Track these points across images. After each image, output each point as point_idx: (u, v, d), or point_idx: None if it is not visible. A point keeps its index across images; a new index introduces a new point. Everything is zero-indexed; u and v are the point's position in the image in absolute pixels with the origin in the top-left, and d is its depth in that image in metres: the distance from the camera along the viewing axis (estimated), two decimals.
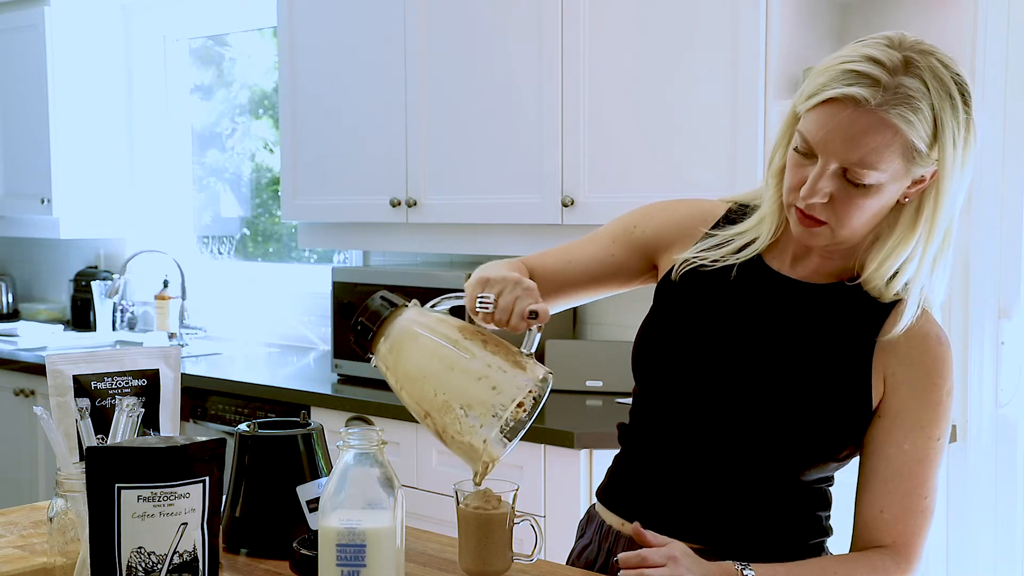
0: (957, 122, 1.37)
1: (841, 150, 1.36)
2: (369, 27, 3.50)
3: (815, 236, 1.44)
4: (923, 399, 1.46)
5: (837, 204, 1.39)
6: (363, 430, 1.33)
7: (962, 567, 2.83)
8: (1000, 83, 2.76)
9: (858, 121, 1.34)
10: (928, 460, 1.47)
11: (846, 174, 1.37)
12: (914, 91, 1.34)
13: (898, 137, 1.34)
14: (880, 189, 1.38)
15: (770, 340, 1.51)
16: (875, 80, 1.34)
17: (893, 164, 1.36)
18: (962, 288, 2.83)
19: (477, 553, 1.44)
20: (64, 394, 1.55)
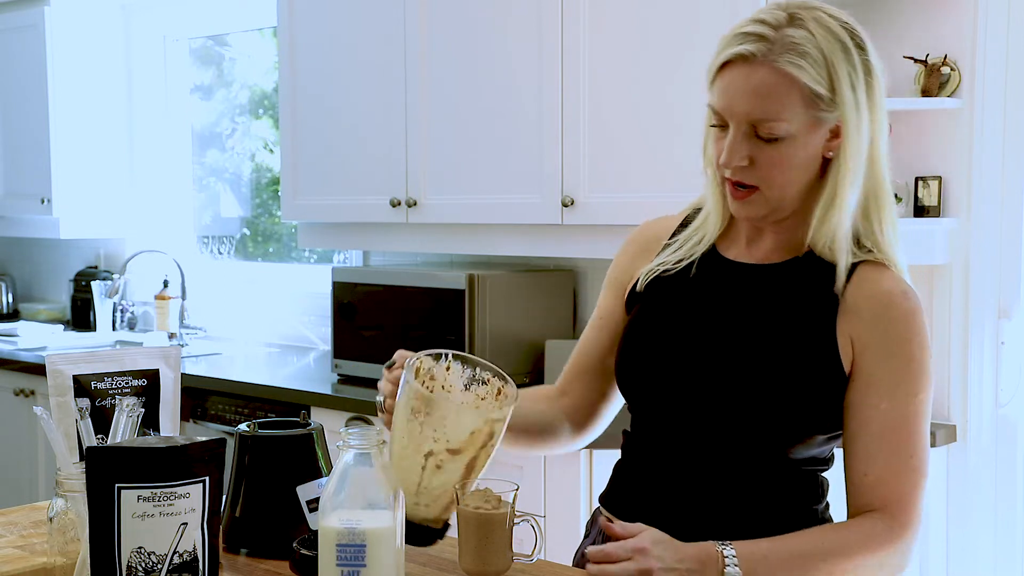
0: (852, 65, 1.41)
1: (743, 107, 1.41)
2: (369, 27, 3.50)
3: (751, 205, 1.47)
4: (894, 358, 1.45)
5: (760, 165, 1.43)
6: (363, 430, 1.33)
7: (962, 567, 2.83)
8: (1000, 83, 2.76)
9: (752, 76, 1.40)
10: (909, 419, 1.45)
11: (757, 132, 1.42)
12: (800, 39, 1.39)
13: (792, 83, 1.39)
14: (794, 141, 1.41)
15: (735, 326, 1.51)
16: (761, 36, 1.40)
17: (796, 111, 1.40)
18: (962, 288, 2.83)
19: (477, 553, 1.44)
20: (64, 394, 1.55)
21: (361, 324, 3.50)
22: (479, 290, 3.18)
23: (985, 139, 2.77)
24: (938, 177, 2.83)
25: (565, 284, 3.43)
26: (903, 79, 2.86)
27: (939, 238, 2.81)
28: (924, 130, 2.86)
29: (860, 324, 1.46)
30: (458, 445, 1.42)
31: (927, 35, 2.84)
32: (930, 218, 2.83)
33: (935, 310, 2.87)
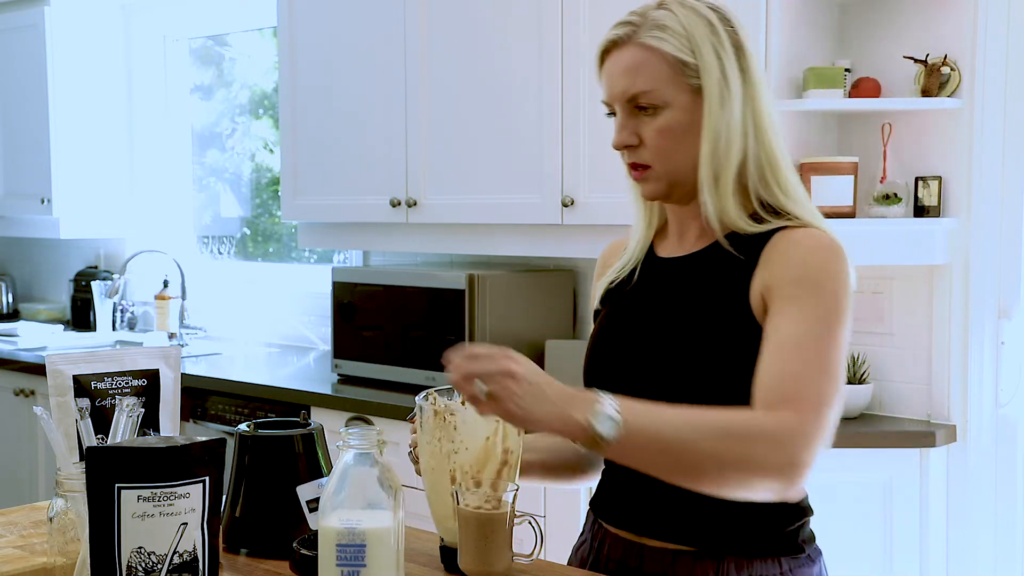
0: (716, 36, 1.49)
1: (620, 86, 1.51)
2: (369, 27, 3.50)
3: (649, 183, 1.54)
4: (797, 287, 1.44)
5: (647, 142, 1.51)
6: (363, 430, 1.33)
7: (962, 567, 2.83)
8: (1000, 83, 2.76)
9: (622, 56, 1.51)
10: (813, 337, 1.41)
11: (638, 108, 1.50)
12: (662, 18, 1.50)
13: (656, 53, 1.48)
14: (671, 109, 1.49)
15: (665, 319, 1.54)
16: (628, 23, 1.52)
17: (665, 80, 1.48)
18: (962, 288, 2.83)
19: (477, 553, 1.44)
20: (64, 394, 1.55)
21: (361, 324, 3.50)
22: (479, 290, 3.18)
23: (985, 139, 2.77)
24: (938, 177, 2.83)
25: (565, 284, 3.43)
26: (903, 79, 2.86)
27: (939, 238, 2.81)
28: (924, 130, 2.86)
29: (768, 271, 1.47)
30: (476, 455, 1.46)
31: (927, 35, 2.84)
32: (930, 218, 2.83)
33: (935, 310, 2.87)
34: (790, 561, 1.52)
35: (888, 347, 2.95)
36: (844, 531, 2.75)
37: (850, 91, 2.85)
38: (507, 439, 1.49)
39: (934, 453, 2.77)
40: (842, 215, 2.79)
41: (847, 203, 2.80)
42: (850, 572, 2.77)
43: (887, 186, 2.86)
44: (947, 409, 2.86)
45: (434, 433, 1.49)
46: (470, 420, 1.47)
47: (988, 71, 2.76)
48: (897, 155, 2.89)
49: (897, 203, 2.83)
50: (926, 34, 2.84)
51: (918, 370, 2.91)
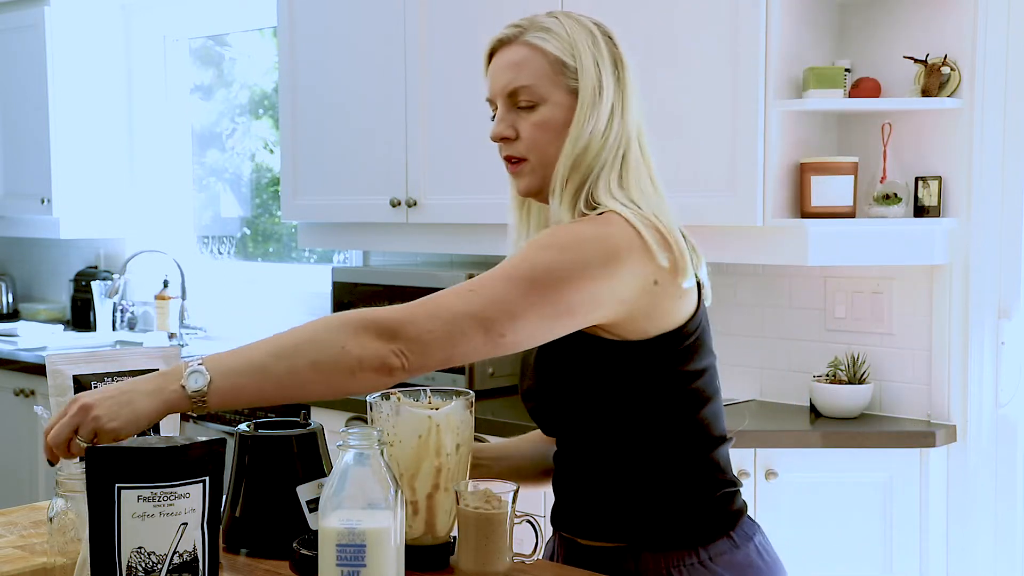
0: (596, 47, 1.56)
1: (501, 81, 1.57)
2: (369, 27, 3.50)
3: (523, 177, 1.58)
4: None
5: (523, 135, 1.56)
6: (363, 430, 1.33)
7: (962, 567, 2.83)
8: (1000, 83, 2.76)
9: (507, 54, 1.57)
10: (474, 282, 1.44)
11: (517, 104, 1.56)
12: (547, 23, 1.57)
13: (539, 51, 1.55)
14: (548, 105, 1.54)
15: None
16: (516, 25, 1.59)
17: (545, 77, 1.54)
18: (962, 288, 2.83)
19: (477, 554, 1.44)
20: (64, 394, 1.55)
21: None
22: None
23: (985, 139, 2.77)
24: (938, 177, 2.83)
25: None
26: (903, 79, 2.86)
27: (939, 238, 2.81)
28: (924, 130, 2.86)
29: None
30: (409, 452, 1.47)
31: (927, 35, 2.84)
32: (930, 218, 2.82)
33: (935, 310, 2.87)
34: (708, 550, 1.53)
35: (888, 347, 2.95)
36: (844, 531, 2.75)
37: (850, 91, 2.85)
38: (441, 441, 1.49)
39: (934, 453, 2.77)
40: (842, 215, 2.79)
41: (847, 203, 2.80)
42: (850, 572, 2.77)
43: (887, 186, 2.85)
44: (947, 409, 2.86)
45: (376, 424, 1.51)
46: (405, 416, 1.49)
47: (988, 71, 2.76)
48: (897, 155, 2.89)
49: (897, 203, 2.83)
50: (926, 34, 2.84)
51: (918, 370, 2.91)
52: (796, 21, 2.83)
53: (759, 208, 2.76)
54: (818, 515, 2.74)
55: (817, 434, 2.78)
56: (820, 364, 2.98)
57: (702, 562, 1.52)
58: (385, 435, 1.48)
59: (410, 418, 1.49)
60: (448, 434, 1.50)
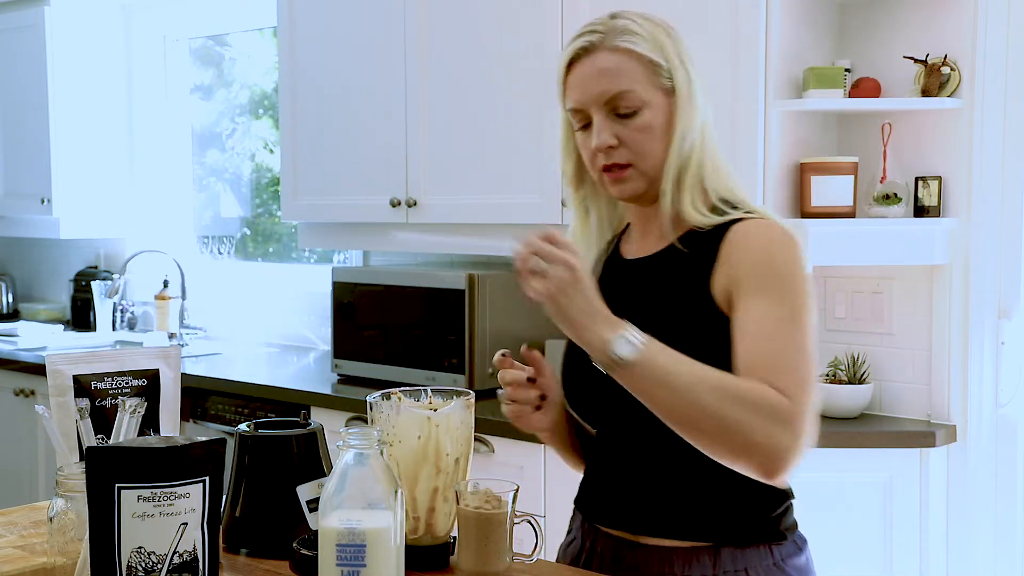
0: (675, 43, 1.57)
1: (596, 91, 1.54)
2: (369, 27, 3.50)
3: (628, 182, 1.56)
4: (760, 278, 1.48)
5: (627, 142, 1.54)
6: (363, 430, 1.33)
7: (962, 567, 2.83)
8: (1000, 83, 2.76)
9: (595, 62, 1.54)
10: (784, 324, 1.44)
11: (617, 112, 1.54)
12: (627, 24, 1.55)
13: (631, 55, 1.53)
14: (649, 108, 1.54)
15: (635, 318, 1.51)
16: (592, 31, 1.56)
17: (641, 80, 1.53)
18: (962, 288, 2.83)
19: (477, 554, 1.44)
20: (64, 394, 1.55)
21: (361, 324, 3.50)
22: (479, 290, 3.18)
23: (985, 139, 2.77)
24: (938, 177, 2.83)
25: None
26: (903, 79, 2.86)
27: (939, 238, 2.81)
28: (924, 130, 2.86)
29: (728, 266, 1.51)
30: (408, 454, 1.48)
31: (927, 35, 2.84)
32: (930, 218, 2.82)
33: (935, 310, 2.87)
34: (780, 549, 1.54)
35: (888, 347, 2.95)
36: (844, 531, 2.75)
37: (850, 91, 2.85)
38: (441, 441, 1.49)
39: (934, 453, 2.77)
40: (842, 215, 2.79)
41: (847, 203, 2.80)
42: (850, 572, 2.77)
43: (887, 186, 2.85)
44: (947, 409, 2.86)
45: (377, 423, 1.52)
46: (405, 416, 1.49)
47: (988, 71, 2.76)
48: (897, 155, 2.89)
49: (897, 203, 2.83)
50: (926, 34, 2.84)
51: (918, 370, 2.91)
52: (796, 21, 2.83)
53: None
54: (818, 515, 2.74)
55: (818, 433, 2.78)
56: (820, 364, 2.98)
57: (775, 563, 1.53)
58: (385, 435, 1.49)
59: (410, 418, 1.49)
60: (448, 434, 1.50)
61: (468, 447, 1.53)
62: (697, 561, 1.52)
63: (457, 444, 1.51)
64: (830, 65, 2.88)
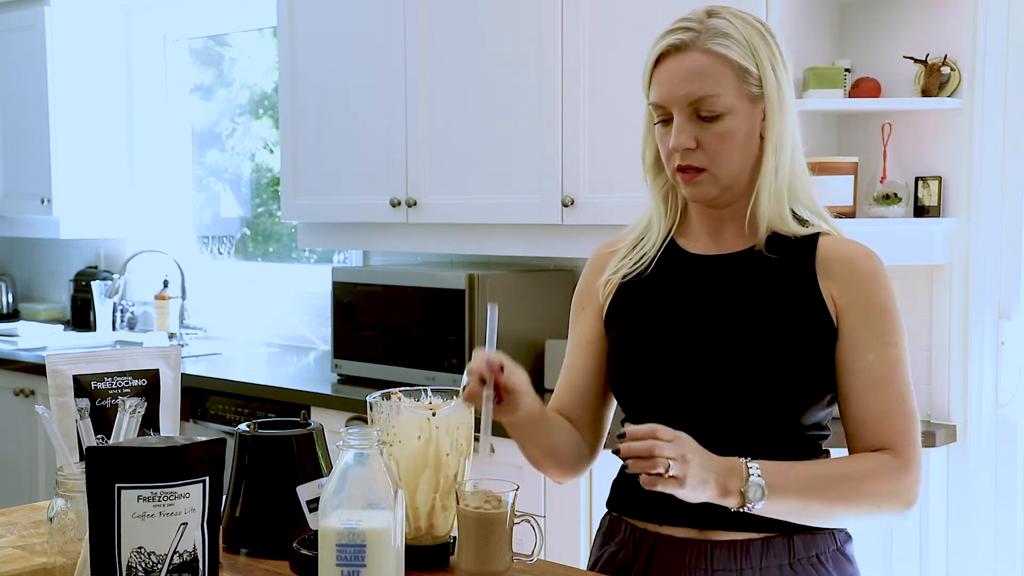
0: (770, 48, 1.54)
1: (683, 91, 1.52)
2: (369, 27, 3.50)
3: (702, 186, 1.56)
4: (870, 312, 1.55)
5: (705, 145, 1.53)
6: (363, 430, 1.33)
7: (962, 567, 2.83)
8: (1000, 83, 2.76)
9: (685, 61, 1.53)
10: (893, 366, 1.55)
11: (699, 114, 1.52)
12: (722, 26, 1.53)
13: (723, 60, 1.51)
14: (734, 116, 1.52)
15: (720, 314, 1.58)
16: (687, 28, 1.54)
17: (730, 87, 1.52)
18: (962, 288, 2.83)
19: (477, 554, 1.44)
20: (64, 394, 1.55)
21: (361, 324, 3.50)
22: (479, 290, 3.18)
23: (985, 139, 2.77)
24: (938, 177, 2.83)
25: (565, 284, 3.43)
26: (903, 79, 2.86)
27: (939, 238, 2.81)
28: (924, 130, 2.86)
29: (835, 286, 1.56)
30: (408, 455, 1.48)
31: (927, 35, 2.84)
32: (930, 218, 2.82)
33: (935, 310, 2.87)
34: (840, 535, 1.60)
35: None
36: None
37: (850, 91, 2.85)
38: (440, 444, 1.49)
39: (934, 453, 2.77)
40: (842, 215, 2.79)
41: (847, 203, 2.80)
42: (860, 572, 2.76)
43: (887, 186, 2.85)
44: (947, 409, 2.86)
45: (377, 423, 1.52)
46: (405, 416, 1.49)
47: (988, 71, 2.76)
48: (897, 155, 2.88)
49: (897, 203, 2.83)
50: (926, 34, 2.84)
51: (918, 370, 2.90)
52: (796, 21, 2.83)
53: None
54: None
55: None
56: None
57: (838, 548, 1.60)
58: (385, 435, 1.49)
59: (410, 418, 1.49)
60: (448, 434, 1.50)
61: (468, 447, 1.53)
62: (773, 551, 1.54)
63: (457, 444, 1.51)
64: (830, 65, 2.88)
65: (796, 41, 2.83)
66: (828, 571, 1.57)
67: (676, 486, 1.39)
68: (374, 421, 1.52)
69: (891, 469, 1.51)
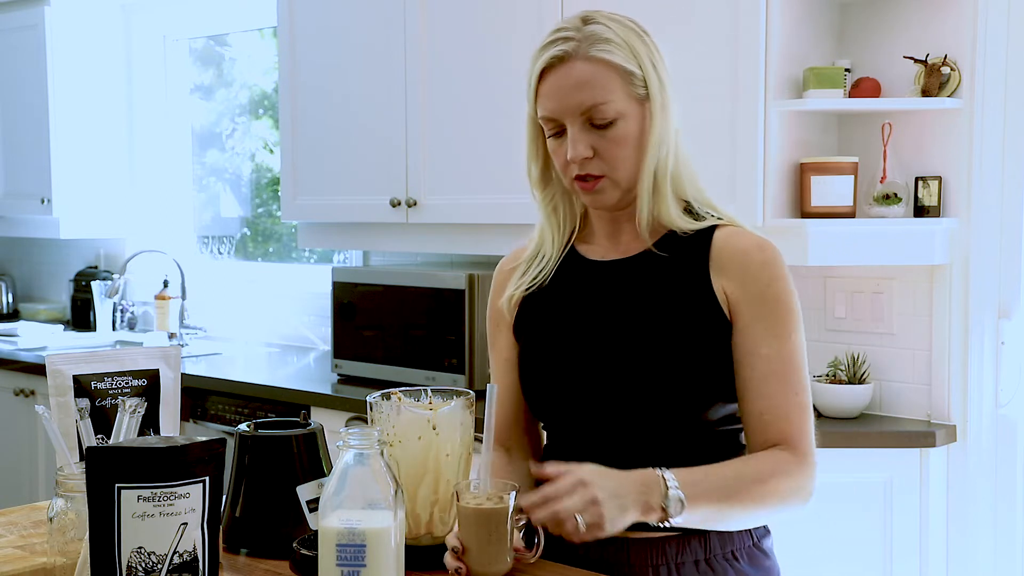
0: (647, 45, 1.56)
1: (574, 101, 1.52)
2: (369, 27, 3.50)
3: (603, 193, 1.57)
4: (763, 304, 1.56)
5: (602, 153, 1.54)
6: (363, 430, 1.33)
7: (962, 567, 2.83)
8: (1000, 83, 2.76)
9: (572, 71, 1.53)
10: (788, 359, 1.56)
11: (592, 122, 1.53)
12: (601, 31, 1.54)
13: (608, 66, 1.52)
14: (624, 120, 1.53)
15: (620, 317, 1.59)
16: (566, 38, 1.54)
17: (618, 92, 1.52)
18: (962, 288, 2.83)
19: (479, 553, 1.44)
20: (64, 394, 1.55)
21: (361, 324, 3.50)
22: (479, 290, 3.18)
23: (985, 139, 2.77)
24: (938, 177, 2.83)
25: None
26: (903, 79, 2.86)
27: (939, 238, 2.81)
28: (924, 130, 2.86)
29: (728, 280, 1.57)
30: (409, 457, 1.48)
31: (927, 35, 2.84)
32: (930, 218, 2.82)
33: (935, 310, 2.87)
34: (757, 531, 1.62)
35: (888, 347, 2.95)
36: (844, 531, 2.75)
37: (850, 91, 2.85)
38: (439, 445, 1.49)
39: (934, 453, 2.77)
40: (842, 215, 2.79)
41: (847, 203, 2.80)
42: (850, 572, 2.77)
43: (887, 186, 2.85)
44: (947, 409, 2.86)
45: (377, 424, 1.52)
46: (405, 416, 1.49)
47: (988, 71, 2.76)
48: (897, 155, 2.88)
49: (897, 203, 2.83)
50: (926, 34, 2.84)
51: (918, 370, 2.91)
52: (796, 21, 2.83)
53: (759, 208, 2.76)
54: (818, 515, 2.74)
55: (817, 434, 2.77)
56: (820, 364, 2.98)
57: (755, 543, 1.62)
58: (385, 435, 1.49)
59: (410, 418, 1.49)
60: (447, 435, 1.50)
61: (468, 447, 1.53)
62: (688, 548, 1.56)
63: (457, 444, 1.51)
64: (830, 65, 2.88)
65: (796, 41, 2.84)
66: (742, 566, 1.58)
67: (597, 532, 1.39)
68: (374, 421, 1.52)
69: (791, 465, 1.54)
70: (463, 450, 1.52)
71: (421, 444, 1.49)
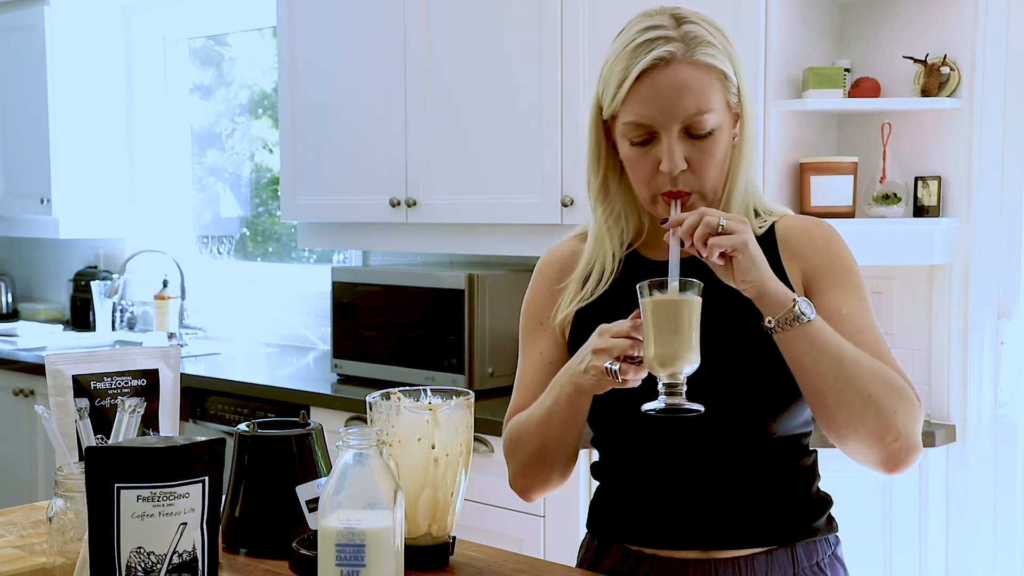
0: (733, 46, 1.48)
1: (678, 108, 1.42)
2: (369, 27, 3.50)
3: (689, 206, 1.47)
4: (836, 273, 1.52)
5: (695, 166, 1.46)
6: (363, 430, 1.33)
7: (962, 567, 2.83)
8: (1000, 83, 2.76)
9: (677, 75, 1.42)
10: (868, 317, 1.52)
11: (688, 132, 1.44)
12: (700, 32, 1.44)
13: (712, 72, 1.44)
14: (721, 131, 1.46)
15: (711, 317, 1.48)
16: (666, 38, 1.42)
17: (717, 98, 1.45)
18: (962, 288, 2.83)
19: (660, 345, 1.34)
20: (64, 394, 1.55)
21: (361, 324, 3.50)
22: (479, 290, 3.18)
23: (985, 139, 2.77)
24: (938, 177, 2.83)
25: None
26: (903, 79, 2.86)
27: (939, 238, 2.81)
28: (924, 130, 2.86)
29: (799, 260, 1.53)
30: (409, 459, 1.47)
31: (927, 35, 2.84)
32: (930, 218, 2.82)
33: (935, 310, 2.87)
34: (833, 538, 1.62)
35: None
36: (844, 531, 2.74)
37: (850, 91, 2.85)
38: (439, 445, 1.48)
39: (934, 453, 2.77)
40: (842, 215, 2.79)
41: (847, 203, 2.80)
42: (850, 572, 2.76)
43: (887, 186, 2.85)
44: (947, 409, 2.86)
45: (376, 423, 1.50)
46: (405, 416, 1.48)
47: (988, 71, 2.76)
48: (897, 155, 2.89)
49: (897, 203, 2.83)
50: (926, 34, 2.84)
51: (918, 370, 2.90)
52: (796, 21, 2.83)
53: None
54: None
55: (817, 434, 2.77)
56: None
57: (833, 552, 1.61)
58: (384, 435, 1.49)
59: (410, 418, 1.49)
60: (447, 435, 1.50)
61: (468, 447, 1.53)
62: (777, 563, 1.52)
63: (457, 444, 1.51)
64: (830, 65, 2.88)
65: (796, 41, 2.84)
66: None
67: (737, 253, 1.34)
68: (373, 421, 1.51)
69: (911, 396, 1.47)
70: (463, 450, 1.52)
71: (421, 444, 1.48)
